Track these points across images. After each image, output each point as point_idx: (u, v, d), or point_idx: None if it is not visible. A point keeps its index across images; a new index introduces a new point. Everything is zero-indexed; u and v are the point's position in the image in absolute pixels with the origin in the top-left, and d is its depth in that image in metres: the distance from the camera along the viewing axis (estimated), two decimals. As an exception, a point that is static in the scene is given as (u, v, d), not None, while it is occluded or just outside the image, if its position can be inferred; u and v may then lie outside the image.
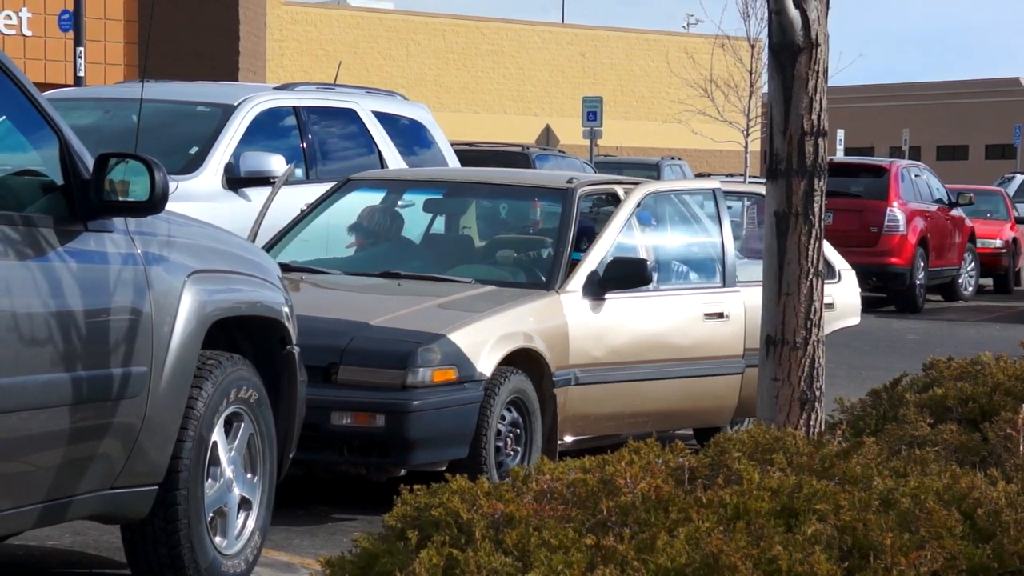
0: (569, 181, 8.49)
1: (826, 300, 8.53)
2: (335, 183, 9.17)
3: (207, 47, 30.57)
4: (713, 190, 8.74)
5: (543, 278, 7.98)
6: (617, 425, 8.14)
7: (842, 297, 8.82)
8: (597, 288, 7.90)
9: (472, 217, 9.11)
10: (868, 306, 13.46)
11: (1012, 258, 25.03)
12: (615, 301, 7.95)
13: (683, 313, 8.28)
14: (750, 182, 20.97)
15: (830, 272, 8.71)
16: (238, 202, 9.89)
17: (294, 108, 10.68)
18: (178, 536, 5.28)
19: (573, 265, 7.98)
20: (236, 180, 9.98)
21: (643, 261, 8.02)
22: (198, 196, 9.60)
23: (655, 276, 8.22)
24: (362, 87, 12.20)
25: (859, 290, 9.03)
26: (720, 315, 8.34)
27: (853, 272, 8.94)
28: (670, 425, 8.55)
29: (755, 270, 7.16)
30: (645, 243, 8.46)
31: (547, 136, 40.27)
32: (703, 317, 8.29)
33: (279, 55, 46.17)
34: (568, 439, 7.87)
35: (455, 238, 8.95)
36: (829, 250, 8.77)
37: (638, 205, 8.41)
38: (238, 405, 5.54)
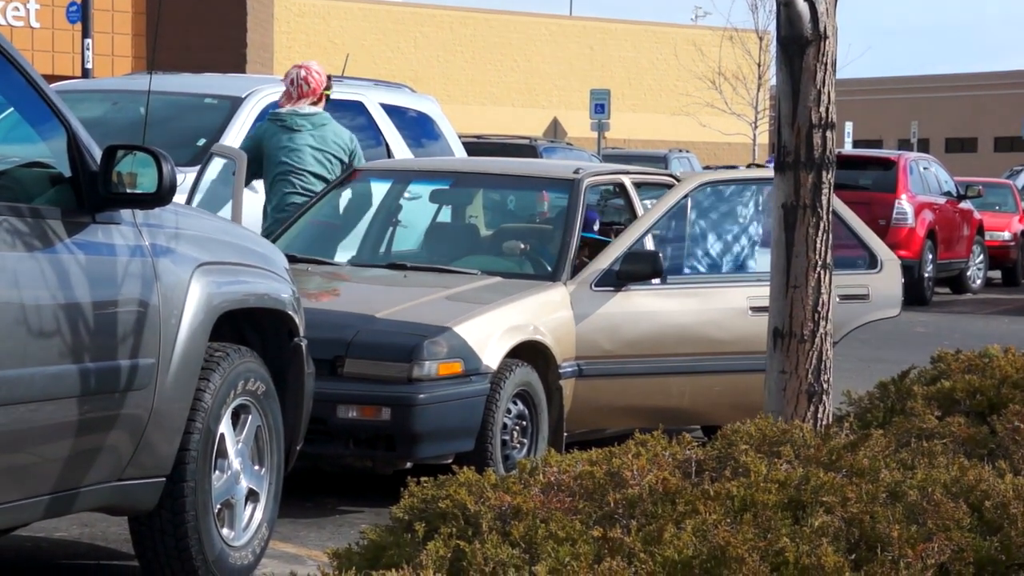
0: (576, 171, 8.47)
1: (861, 291, 8.48)
2: (341, 174, 9.16)
3: (215, 39, 30.58)
4: None
5: (549, 269, 7.97)
6: (634, 418, 8.07)
7: (881, 287, 8.54)
8: (613, 280, 7.86)
9: (479, 207, 9.09)
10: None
11: (1021, 251, 25.00)
12: (632, 293, 7.86)
13: (720, 306, 8.08)
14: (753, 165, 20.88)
15: (871, 262, 8.51)
16: (246, 194, 9.88)
17: (302, 100, 10.65)
18: (185, 528, 5.28)
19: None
20: (243, 172, 9.96)
21: (655, 254, 7.92)
22: (205, 188, 9.60)
23: (688, 267, 8.11)
24: (370, 79, 12.20)
25: (902, 280, 8.79)
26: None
27: (897, 262, 8.74)
28: (713, 421, 8.29)
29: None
30: (687, 234, 8.33)
31: (555, 128, 40.27)
32: (749, 311, 8.04)
33: (287, 47, 46.15)
34: (576, 431, 7.85)
35: (461, 228, 8.94)
36: (872, 239, 8.62)
37: (686, 196, 8.31)
38: (245, 397, 5.54)
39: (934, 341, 9.08)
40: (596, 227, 9.08)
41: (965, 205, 22.40)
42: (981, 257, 23.10)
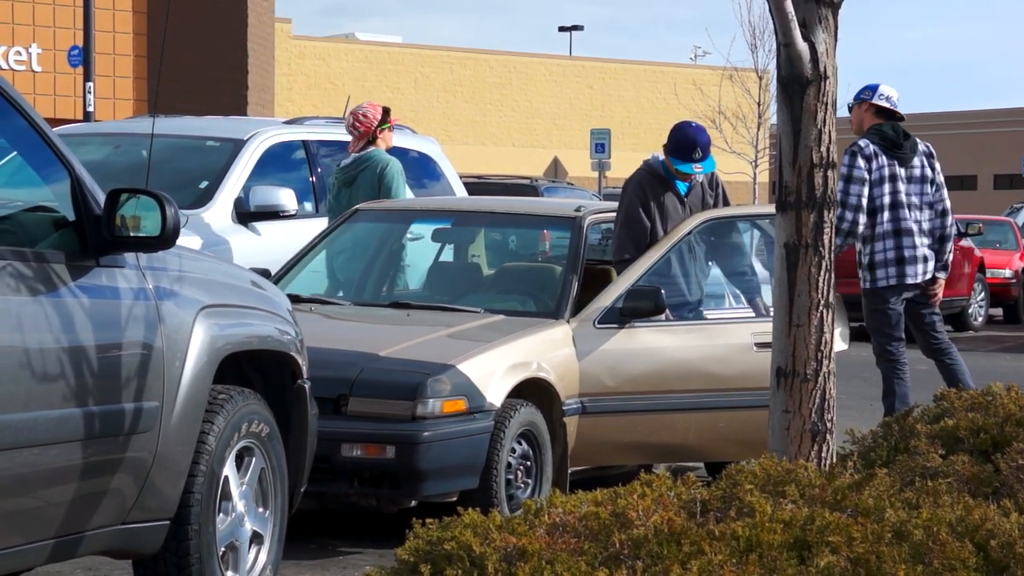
0: (577, 210, 8.50)
1: None
2: (343, 214, 9.19)
3: (216, 82, 30.66)
4: None
5: (552, 307, 7.97)
6: (639, 455, 8.03)
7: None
8: (616, 317, 7.87)
9: (481, 246, 9.10)
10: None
11: (1022, 288, 24.99)
12: (635, 330, 7.87)
13: (723, 342, 8.08)
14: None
15: None
16: (248, 236, 9.91)
17: (303, 142, 10.70)
18: (190, 571, 5.27)
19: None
20: (246, 214, 10.01)
21: (657, 291, 7.93)
22: (208, 230, 9.62)
23: (692, 303, 8.12)
24: (371, 120, 12.20)
25: (846, 315, 8.80)
26: None
27: (839, 298, 8.78)
28: (718, 457, 8.31)
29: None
30: (691, 271, 8.32)
31: (555, 168, 40.32)
32: (753, 347, 8.03)
33: (287, 89, 46.31)
34: (580, 468, 7.84)
35: (464, 267, 8.96)
36: None
37: (689, 232, 8.31)
38: (249, 439, 5.54)
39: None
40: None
41: (966, 243, 22.40)
42: (982, 294, 23.09)
